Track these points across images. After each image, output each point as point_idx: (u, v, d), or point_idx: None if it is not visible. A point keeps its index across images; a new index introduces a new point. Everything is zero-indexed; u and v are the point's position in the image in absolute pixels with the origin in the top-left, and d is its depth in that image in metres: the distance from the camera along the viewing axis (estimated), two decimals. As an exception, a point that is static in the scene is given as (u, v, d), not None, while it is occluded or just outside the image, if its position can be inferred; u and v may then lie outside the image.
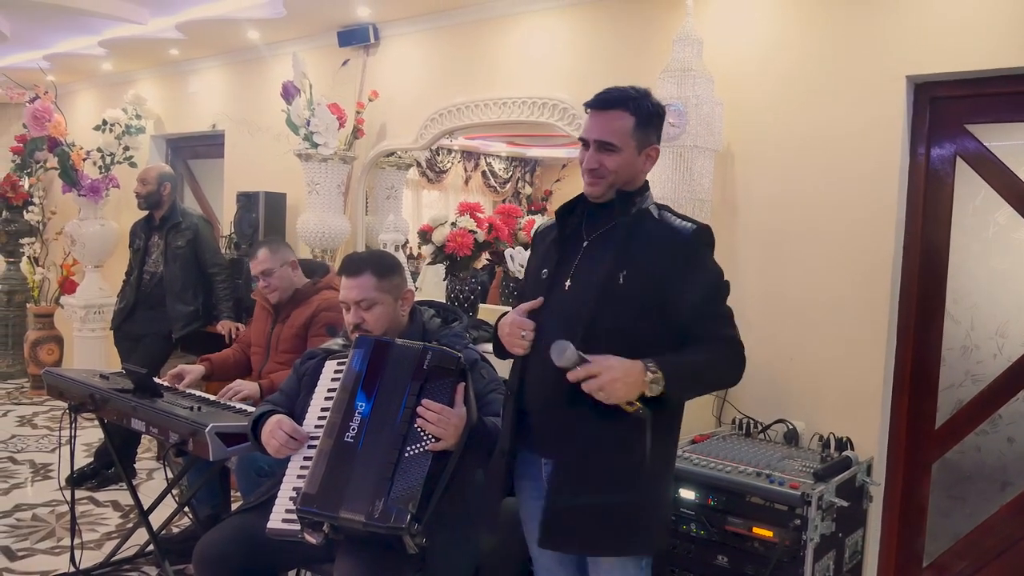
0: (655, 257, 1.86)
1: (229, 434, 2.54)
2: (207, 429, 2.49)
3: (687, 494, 2.59)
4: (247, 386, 3.13)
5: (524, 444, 1.98)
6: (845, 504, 2.52)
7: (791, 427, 2.96)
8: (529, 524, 2.04)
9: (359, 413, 2.06)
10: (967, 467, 2.93)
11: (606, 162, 1.89)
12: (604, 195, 1.92)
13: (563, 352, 1.72)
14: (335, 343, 2.46)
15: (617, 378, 1.72)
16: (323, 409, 2.18)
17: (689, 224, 1.92)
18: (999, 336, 2.86)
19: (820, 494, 2.42)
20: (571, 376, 1.74)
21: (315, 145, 4.31)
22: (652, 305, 1.85)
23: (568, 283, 1.92)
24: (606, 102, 1.90)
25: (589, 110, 1.94)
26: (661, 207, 1.98)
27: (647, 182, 1.99)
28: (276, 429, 2.16)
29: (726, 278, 1.95)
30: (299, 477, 2.09)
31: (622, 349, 1.78)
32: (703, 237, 1.91)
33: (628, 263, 1.86)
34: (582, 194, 1.99)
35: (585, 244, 1.95)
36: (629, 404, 1.74)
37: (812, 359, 3.09)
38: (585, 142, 1.93)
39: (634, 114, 1.89)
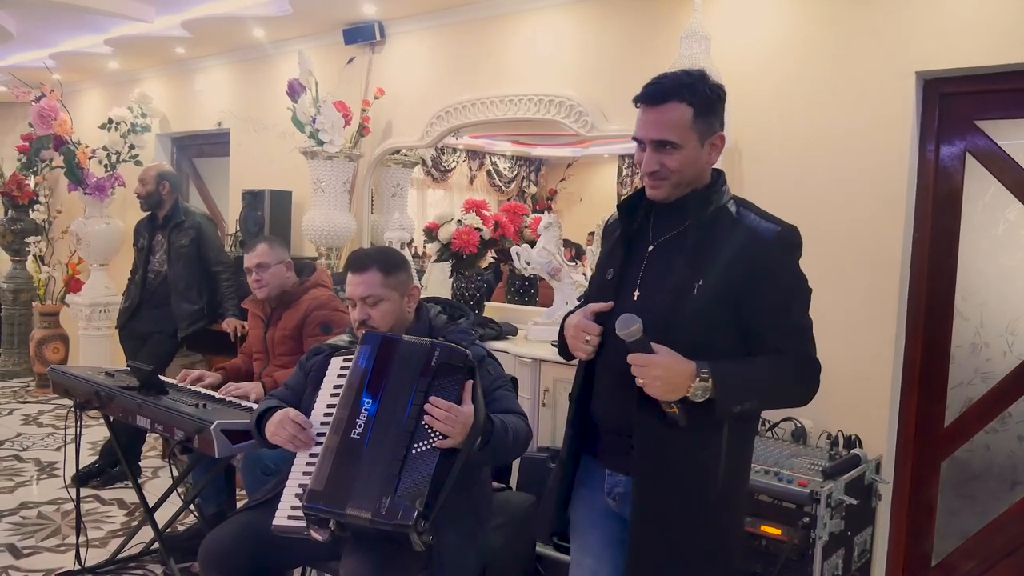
0: (732, 263, 1.67)
1: (234, 431, 2.53)
2: (212, 426, 2.49)
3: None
4: (249, 386, 3.13)
5: (587, 450, 1.87)
6: (854, 502, 2.51)
7: (799, 425, 2.94)
8: (581, 534, 1.93)
9: (365, 410, 2.05)
10: (976, 466, 2.91)
11: (667, 162, 1.69)
12: (670, 196, 1.74)
13: (628, 326, 1.61)
14: (341, 339, 2.45)
15: (658, 376, 1.61)
16: (329, 406, 2.16)
17: (773, 225, 1.72)
18: (1009, 334, 2.84)
19: (829, 492, 2.40)
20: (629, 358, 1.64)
21: (321, 143, 4.31)
22: (728, 316, 1.69)
23: (637, 293, 1.75)
24: (657, 95, 1.69)
25: (640, 106, 1.73)
26: (741, 203, 1.78)
27: (720, 174, 1.79)
28: (286, 420, 2.15)
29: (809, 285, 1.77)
30: (305, 474, 2.08)
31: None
32: (789, 239, 1.72)
33: (703, 272, 1.68)
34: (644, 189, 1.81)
35: (651, 249, 1.78)
36: (668, 405, 1.65)
37: (820, 356, 3.05)
38: (640, 142, 1.73)
39: (691, 104, 1.68)
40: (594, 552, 1.90)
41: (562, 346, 1.92)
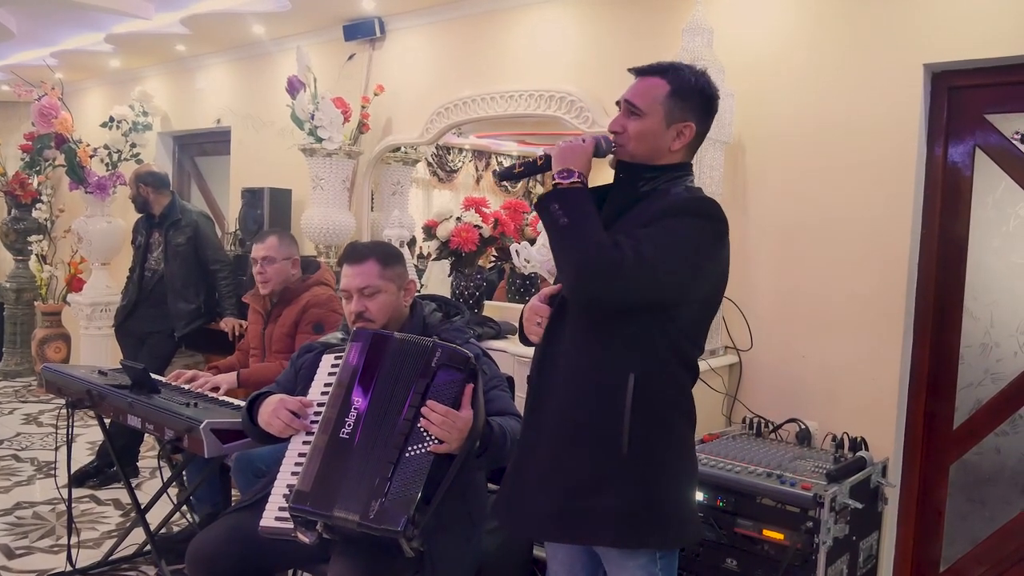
0: (645, 220, 1.69)
1: (226, 431, 2.49)
2: (202, 425, 2.44)
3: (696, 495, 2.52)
4: (221, 378, 3.08)
5: None
6: (859, 506, 2.44)
7: (803, 427, 2.88)
8: None
9: (355, 409, 1.99)
10: (986, 469, 2.84)
11: (628, 126, 1.77)
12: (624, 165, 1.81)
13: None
14: (334, 336, 2.40)
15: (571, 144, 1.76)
16: (319, 404, 2.11)
17: (687, 193, 1.76)
18: (1020, 333, 2.77)
19: (833, 495, 2.34)
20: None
21: (320, 140, 4.27)
22: None
23: None
24: (646, 68, 1.81)
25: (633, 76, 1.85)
26: (689, 189, 1.80)
27: (686, 166, 1.81)
28: (279, 408, 2.09)
29: (717, 271, 1.75)
30: (293, 474, 2.03)
31: (589, 326, 1.73)
32: (692, 203, 1.72)
33: (624, 230, 1.69)
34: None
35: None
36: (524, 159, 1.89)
37: (825, 357, 3.01)
38: (620, 104, 1.84)
39: (669, 82, 1.76)
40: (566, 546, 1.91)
41: (522, 332, 1.94)
